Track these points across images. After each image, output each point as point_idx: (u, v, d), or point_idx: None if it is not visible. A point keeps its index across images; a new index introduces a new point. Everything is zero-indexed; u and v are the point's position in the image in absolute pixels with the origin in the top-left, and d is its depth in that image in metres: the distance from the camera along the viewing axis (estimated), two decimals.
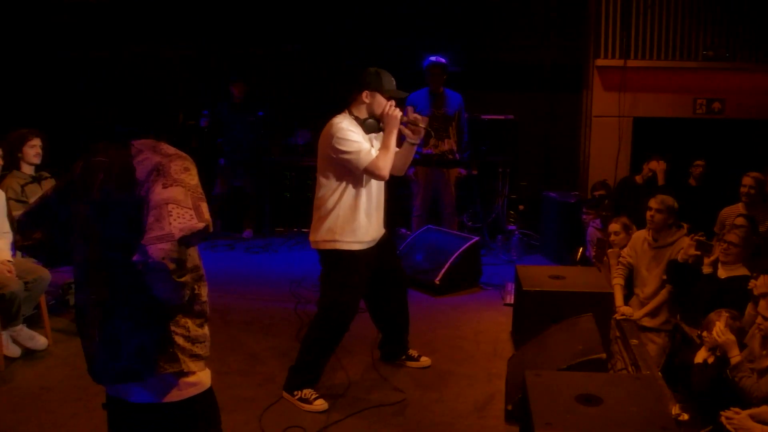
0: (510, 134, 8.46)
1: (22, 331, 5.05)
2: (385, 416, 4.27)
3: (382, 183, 4.42)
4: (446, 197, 7.66)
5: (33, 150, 5.49)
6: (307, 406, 4.29)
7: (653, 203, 5.50)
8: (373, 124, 4.30)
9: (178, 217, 2.11)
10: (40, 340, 5.11)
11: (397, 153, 4.33)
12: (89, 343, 2.36)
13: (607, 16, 8.02)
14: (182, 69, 8.59)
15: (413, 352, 4.98)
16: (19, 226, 2.53)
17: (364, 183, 4.28)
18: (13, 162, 5.49)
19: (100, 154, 2.38)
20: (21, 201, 5.35)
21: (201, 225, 2.14)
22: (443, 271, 6.48)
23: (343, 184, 4.24)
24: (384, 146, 4.22)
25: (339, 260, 4.30)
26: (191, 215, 2.13)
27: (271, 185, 8.70)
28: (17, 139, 5.47)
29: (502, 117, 8.43)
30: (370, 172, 4.18)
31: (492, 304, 6.11)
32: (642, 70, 8.07)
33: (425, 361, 4.97)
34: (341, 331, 4.41)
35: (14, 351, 4.99)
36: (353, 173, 4.22)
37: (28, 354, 5.04)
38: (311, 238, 4.39)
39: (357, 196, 4.27)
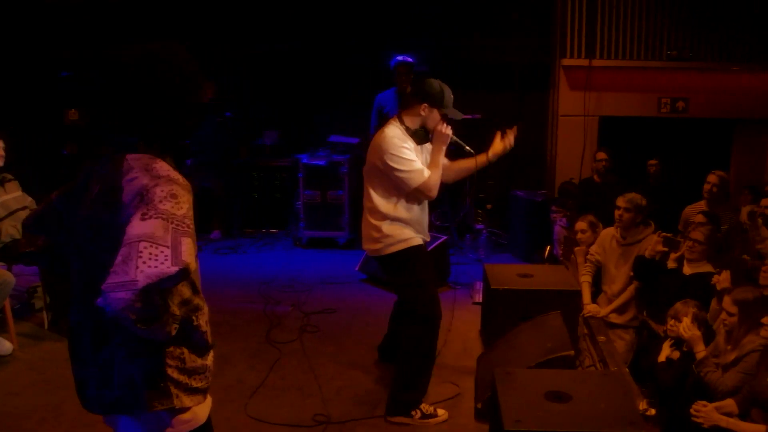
0: (477, 133, 8.48)
1: None
2: (354, 415, 4.27)
3: None
4: None
5: None
6: (434, 420, 4.17)
7: (621, 202, 5.50)
8: (423, 135, 4.21)
9: (149, 260, 1.83)
10: (5, 345, 5.04)
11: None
12: (80, 368, 2.17)
13: (573, 16, 8.08)
14: None
15: None
16: (24, 230, 2.35)
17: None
18: None
19: (104, 163, 2.12)
20: None
21: (173, 270, 1.84)
22: None
23: (396, 192, 4.14)
24: (434, 164, 4.14)
25: (406, 259, 4.20)
26: (165, 257, 1.84)
27: (239, 186, 8.67)
28: None
29: (469, 116, 8.44)
30: (421, 192, 4.11)
31: (461, 302, 6.13)
32: (607, 69, 8.14)
33: None
34: (435, 325, 4.24)
35: None
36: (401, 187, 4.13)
37: None
38: (368, 246, 4.28)
39: (410, 201, 4.18)
